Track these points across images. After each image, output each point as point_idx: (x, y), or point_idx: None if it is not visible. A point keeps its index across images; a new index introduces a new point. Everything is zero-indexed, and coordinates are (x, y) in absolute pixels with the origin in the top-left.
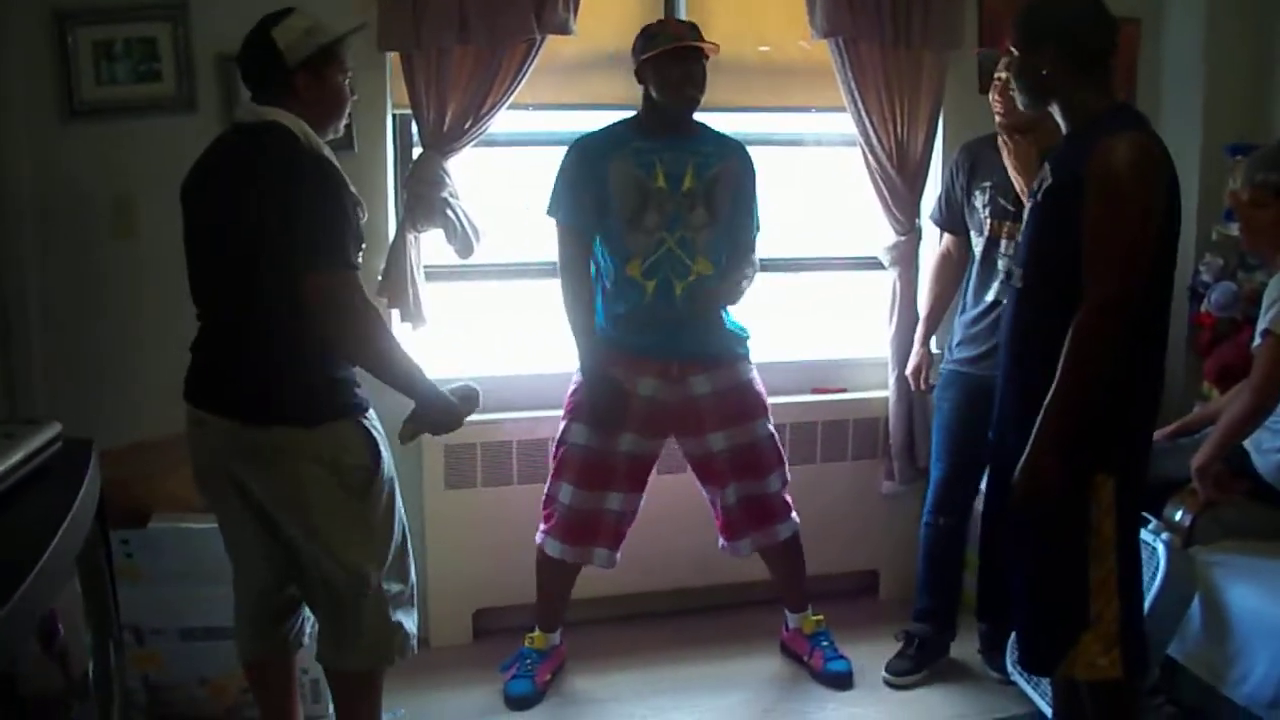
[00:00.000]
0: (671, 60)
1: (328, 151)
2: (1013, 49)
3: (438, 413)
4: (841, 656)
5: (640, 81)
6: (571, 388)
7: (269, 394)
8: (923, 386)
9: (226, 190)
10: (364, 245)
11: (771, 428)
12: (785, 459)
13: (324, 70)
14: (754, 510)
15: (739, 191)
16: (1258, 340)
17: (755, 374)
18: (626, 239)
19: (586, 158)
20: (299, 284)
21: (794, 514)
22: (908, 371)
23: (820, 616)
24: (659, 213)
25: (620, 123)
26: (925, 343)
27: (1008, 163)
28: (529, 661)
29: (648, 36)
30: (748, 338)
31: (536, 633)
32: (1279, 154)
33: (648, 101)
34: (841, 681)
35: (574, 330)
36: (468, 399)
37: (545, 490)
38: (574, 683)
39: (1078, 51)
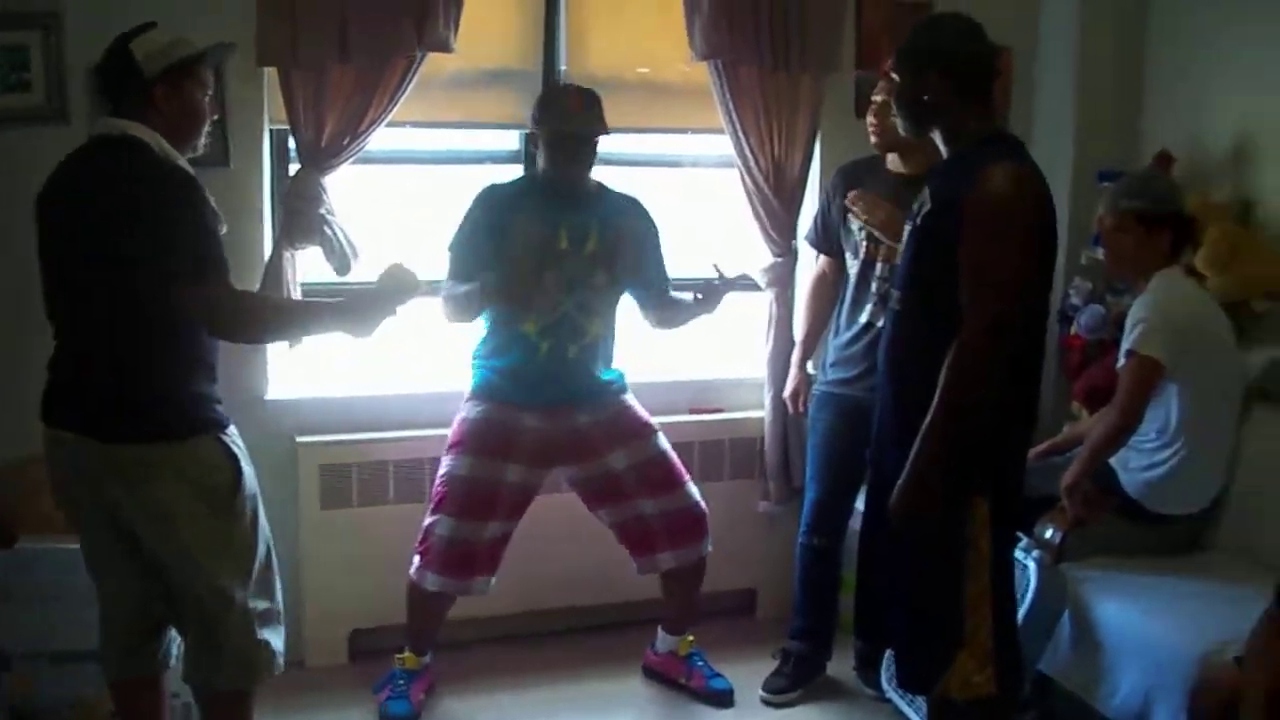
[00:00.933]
0: (559, 141)
1: (184, 164)
2: (894, 75)
3: (359, 321)
4: (719, 675)
5: (533, 145)
6: (456, 421)
7: (128, 411)
8: (800, 409)
9: (82, 205)
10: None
11: (667, 446)
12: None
13: (183, 85)
14: (678, 524)
15: (643, 249)
16: (1121, 361)
17: (635, 403)
18: (524, 301)
19: (494, 208)
20: (174, 299)
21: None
22: (785, 394)
23: (692, 637)
24: (560, 274)
25: (527, 177)
26: (802, 365)
27: (865, 215)
28: (401, 682)
29: (543, 106)
30: (623, 379)
31: (407, 653)
32: (1143, 182)
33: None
34: (724, 699)
35: (457, 301)
36: (390, 281)
37: (423, 524)
38: (450, 704)
39: (959, 77)
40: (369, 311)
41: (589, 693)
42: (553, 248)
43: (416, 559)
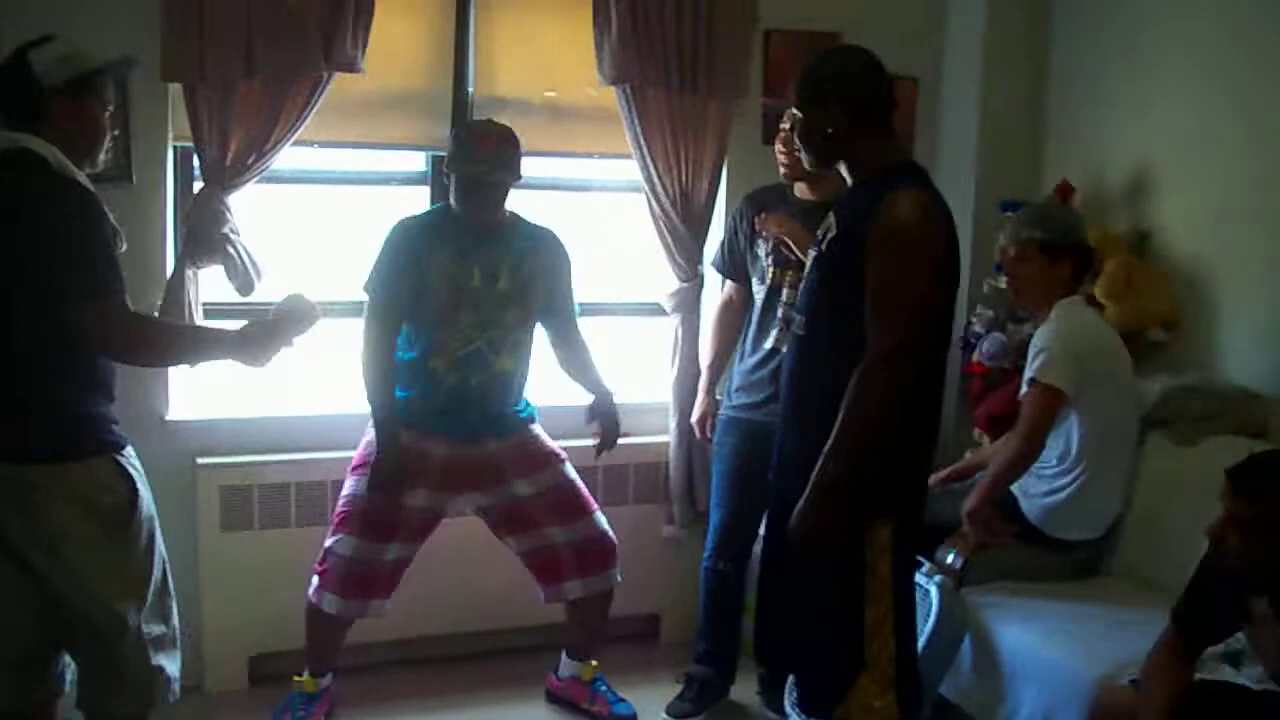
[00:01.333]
0: (465, 184)
1: (83, 179)
2: (795, 111)
3: (254, 350)
4: (623, 700)
5: (445, 179)
6: (362, 444)
7: (19, 430)
8: (708, 435)
9: None
10: (123, 275)
11: (574, 475)
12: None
13: (82, 99)
14: (587, 553)
15: (555, 283)
16: (1024, 389)
17: (542, 433)
18: (437, 334)
19: (409, 244)
20: (70, 316)
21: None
22: (693, 420)
23: (596, 662)
24: (474, 311)
25: (441, 212)
26: (710, 391)
27: (777, 229)
28: (300, 708)
29: (455, 144)
30: (533, 411)
31: (306, 676)
32: (1044, 212)
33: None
34: None
35: (373, 407)
36: (287, 311)
37: (324, 544)
38: None
39: (860, 109)
40: (266, 341)
41: (491, 717)
42: (466, 285)
43: (315, 580)
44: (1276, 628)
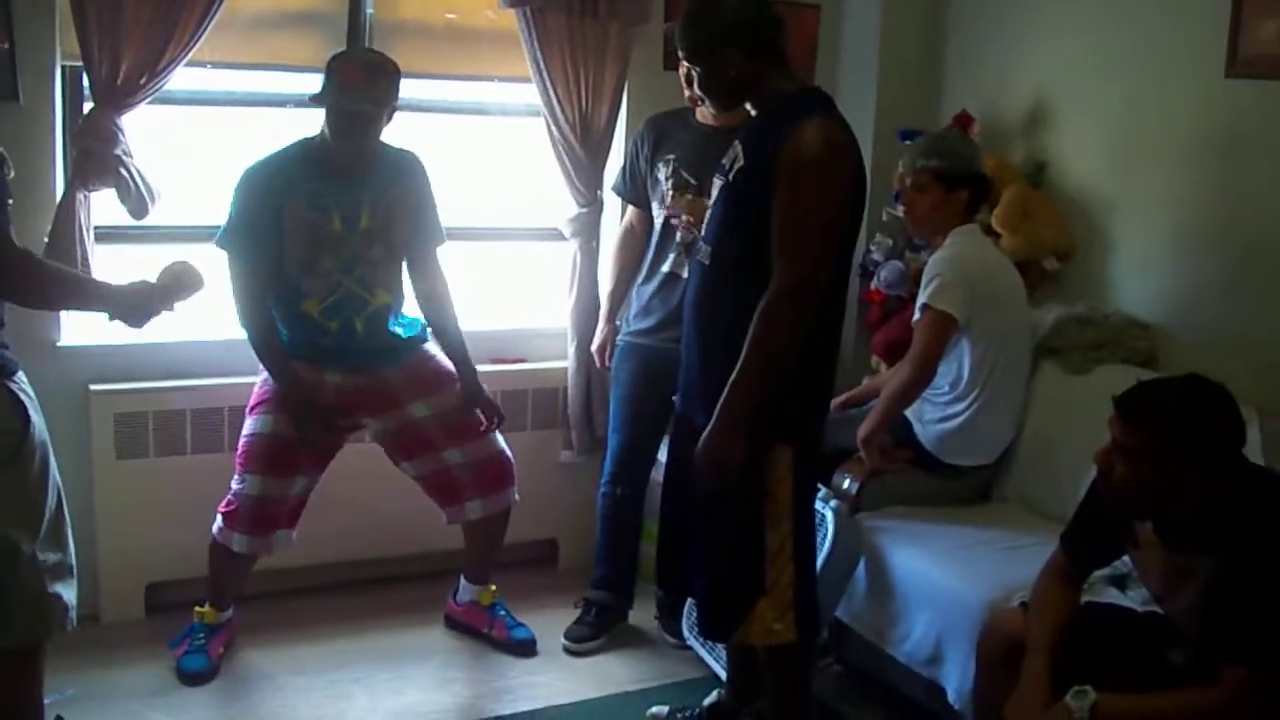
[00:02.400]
0: (332, 116)
1: None
2: (690, 65)
3: (135, 312)
4: (522, 624)
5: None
6: (259, 382)
7: None
8: (608, 364)
9: None
10: (10, 201)
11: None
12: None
13: None
14: (487, 472)
15: (416, 210)
16: (917, 315)
17: (437, 354)
18: (302, 281)
19: (262, 194)
20: None
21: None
22: (593, 348)
23: (495, 587)
24: (336, 257)
25: (295, 154)
26: (611, 319)
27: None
28: (200, 636)
29: (327, 73)
30: (421, 329)
31: (207, 608)
32: (941, 141)
33: (323, 134)
34: (527, 649)
35: (261, 355)
36: (173, 277)
37: (231, 486)
38: (250, 657)
39: (754, 45)
40: (147, 304)
41: (391, 645)
42: (325, 231)
43: (220, 519)
44: (1160, 552)
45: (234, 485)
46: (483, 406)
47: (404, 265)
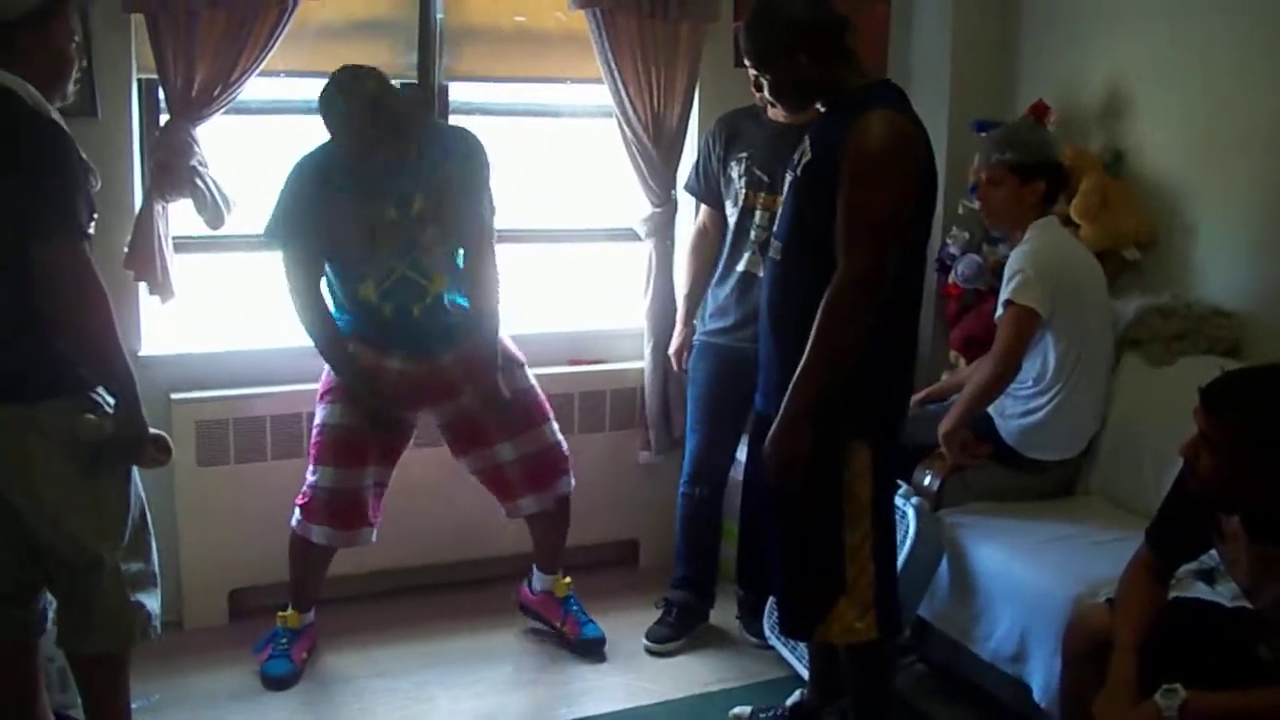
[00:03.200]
0: (355, 153)
1: (56, 115)
2: (758, 73)
3: (134, 425)
4: (593, 622)
5: None
6: (327, 369)
7: (2, 370)
8: (685, 367)
9: None
10: (96, 215)
11: (533, 381)
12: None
13: (48, 29)
14: (537, 466)
15: (465, 188)
16: (999, 311)
17: (501, 338)
18: (358, 267)
19: (313, 184)
20: (23, 252)
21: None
22: (671, 351)
23: (570, 580)
24: (391, 244)
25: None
26: (688, 322)
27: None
28: (284, 641)
29: (324, 114)
30: None
31: (290, 611)
32: (1015, 133)
33: None
34: (597, 647)
35: (320, 349)
36: (159, 441)
37: (305, 478)
38: (333, 661)
39: (820, 47)
40: (132, 435)
41: (468, 647)
42: (379, 218)
43: (298, 512)
44: (1248, 544)
45: (308, 477)
46: (496, 411)
47: (457, 248)
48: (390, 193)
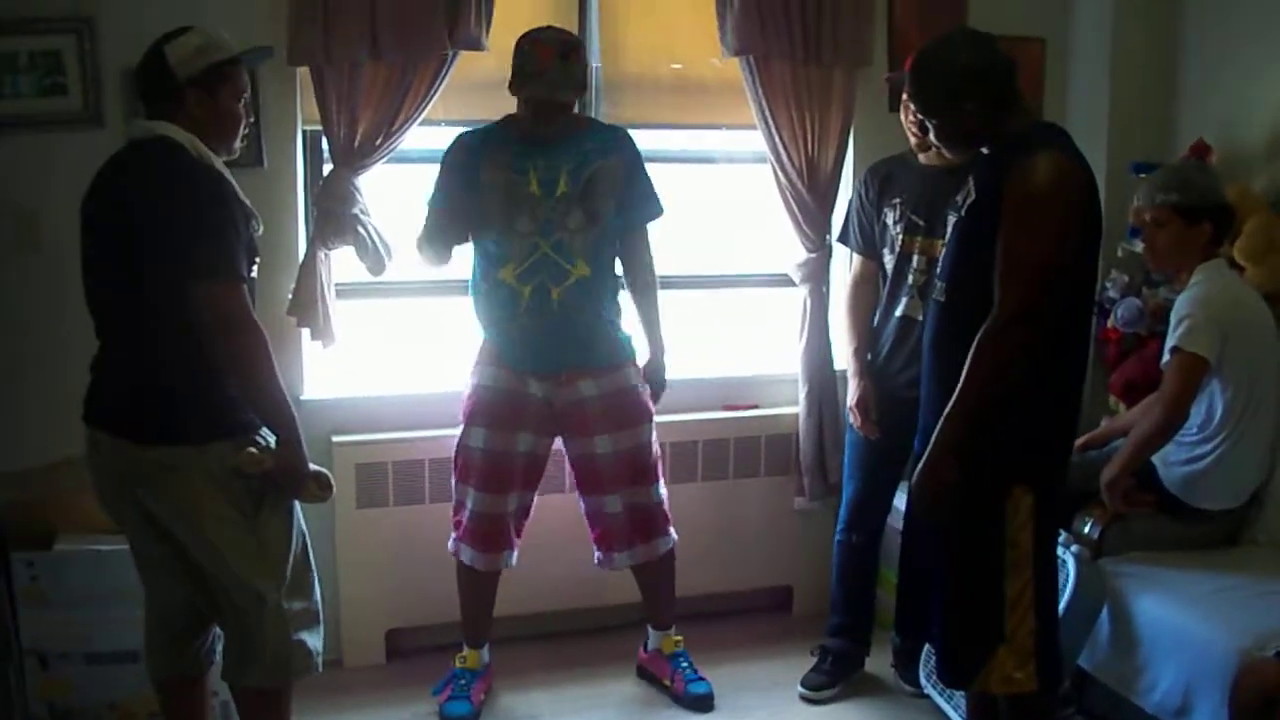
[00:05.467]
0: (536, 104)
1: (220, 165)
2: (924, 119)
3: (295, 460)
4: (702, 678)
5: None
6: (469, 389)
7: (159, 413)
8: (871, 419)
9: (114, 204)
10: (258, 259)
11: (654, 435)
12: (661, 472)
13: (217, 89)
14: (640, 520)
15: (626, 184)
16: (1166, 357)
17: (639, 381)
18: (499, 243)
19: (464, 158)
20: (186, 295)
21: (672, 528)
22: (851, 404)
23: (680, 637)
24: (532, 218)
25: (501, 123)
26: (863, 374)
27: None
28: (463, 682)
29: (517, 59)
30: (630, 343)
31: (468, 651)
32: (1178, 174)
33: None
34: (703, 704)
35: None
36: (320, 477)
37: (453, 495)
38: (509, 701)
39: (992, 92)
40: (293, 468)
41: (579, 693)
42: (522, 192)
43: (453, 532)
44: None
45: (455, 494)
46: (654, 387)
47: (611, 249)
48: (536, 166)
